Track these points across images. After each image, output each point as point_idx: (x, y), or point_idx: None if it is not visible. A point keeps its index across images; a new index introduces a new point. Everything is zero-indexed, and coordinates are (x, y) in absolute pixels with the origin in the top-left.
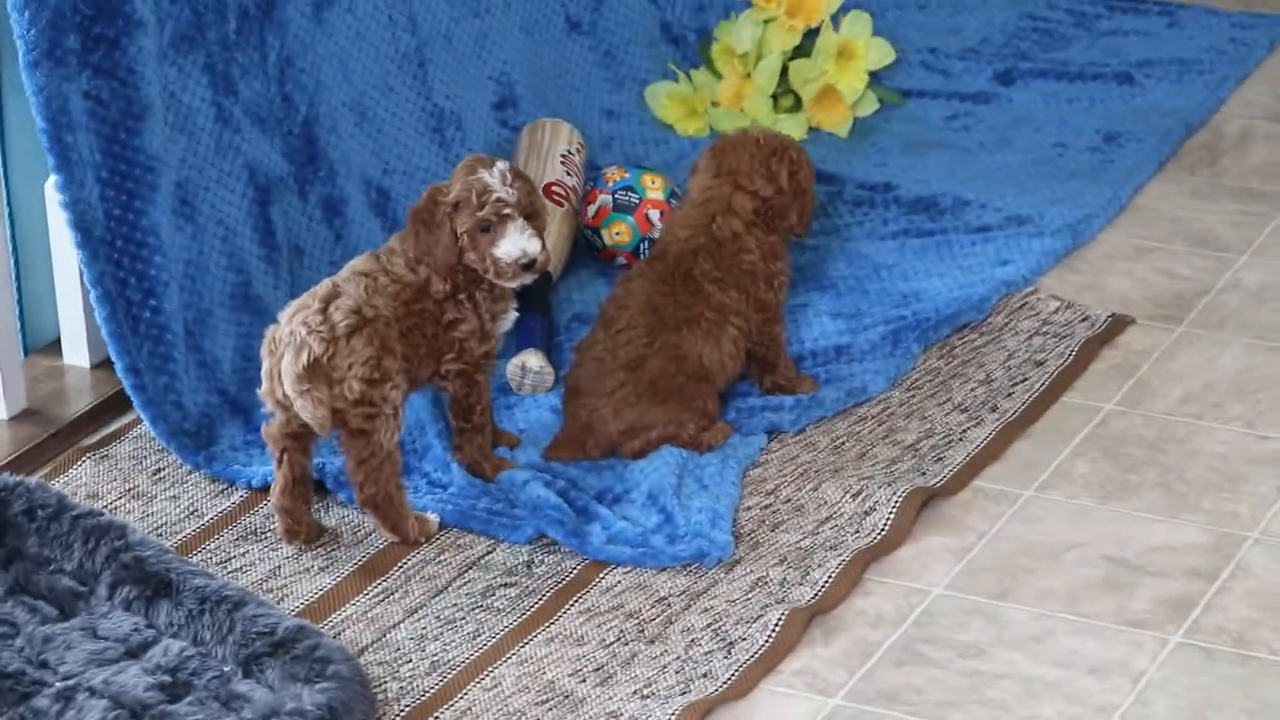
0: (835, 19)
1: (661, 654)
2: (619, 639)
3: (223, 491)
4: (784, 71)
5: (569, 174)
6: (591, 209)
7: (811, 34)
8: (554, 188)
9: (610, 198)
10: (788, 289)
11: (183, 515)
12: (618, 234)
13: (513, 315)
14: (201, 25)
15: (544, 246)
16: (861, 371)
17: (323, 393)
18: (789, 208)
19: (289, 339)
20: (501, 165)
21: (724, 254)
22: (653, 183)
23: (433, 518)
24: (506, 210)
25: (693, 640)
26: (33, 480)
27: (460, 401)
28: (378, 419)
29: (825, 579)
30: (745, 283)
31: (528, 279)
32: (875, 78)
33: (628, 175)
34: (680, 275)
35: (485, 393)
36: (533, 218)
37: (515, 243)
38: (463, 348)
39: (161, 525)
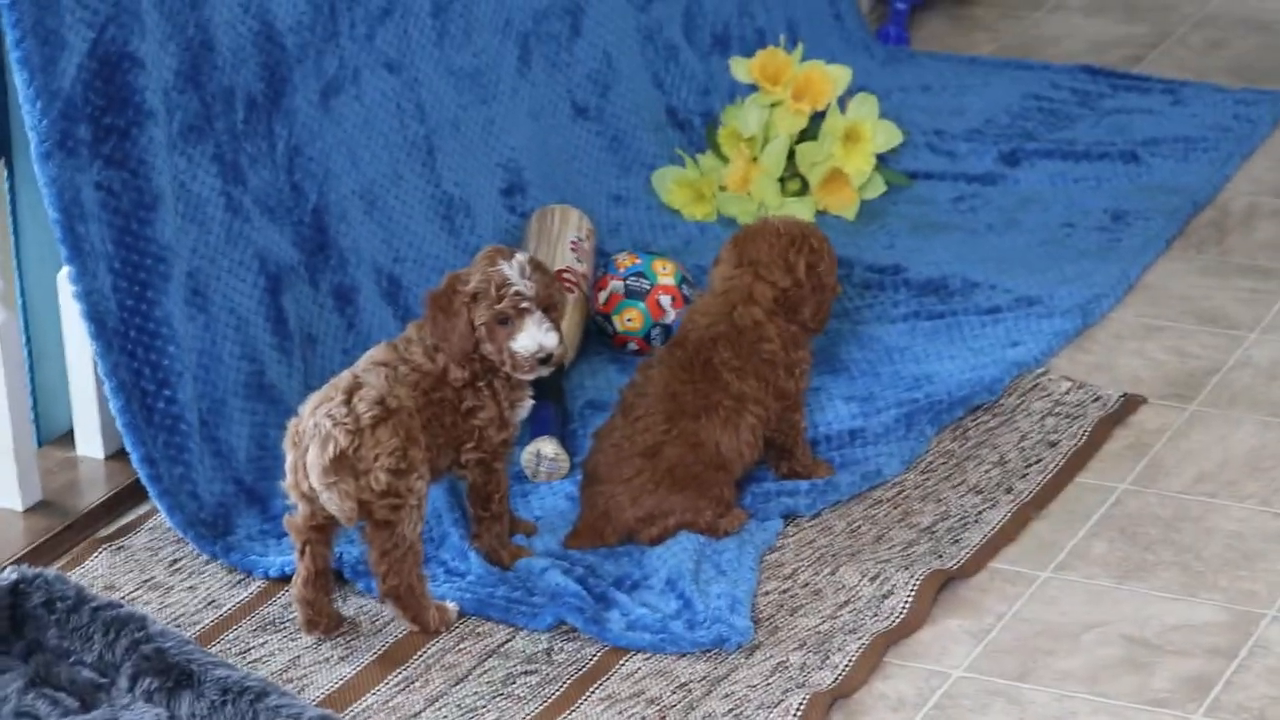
0: (841, 102)
1: None
2: None
3: (240, 582)
4: (791, 155)
5: (579, 260)
6: (603, 295)
7: (818, 117)
8: (564, 274)
9: (622, 284)
10: (809, 377)
11: (200, 606)
12: (629, 320)
13: (530, 403)
14: (210, 115)
15: (561, 340)
16: (876, 455)
17: (350, 485)
18: (805, 300)
19: (313, 431)
20: (521, 257)
21: (744, 342)
22: (664, 268)
23: (452, 606)
24: (525, 304)
25: None
26: (51, 572)
27: (479, 490)
28: (403, 510)
29: (845, 663)
30: (765, 371)
31: (544, 372)
32: (882, 160)
33: (639, 261)
34: (700, 363)
35: (503, 480)
36: (551, 310)
37: (533, 336)
38: (482, 436)
39: (179, 616)
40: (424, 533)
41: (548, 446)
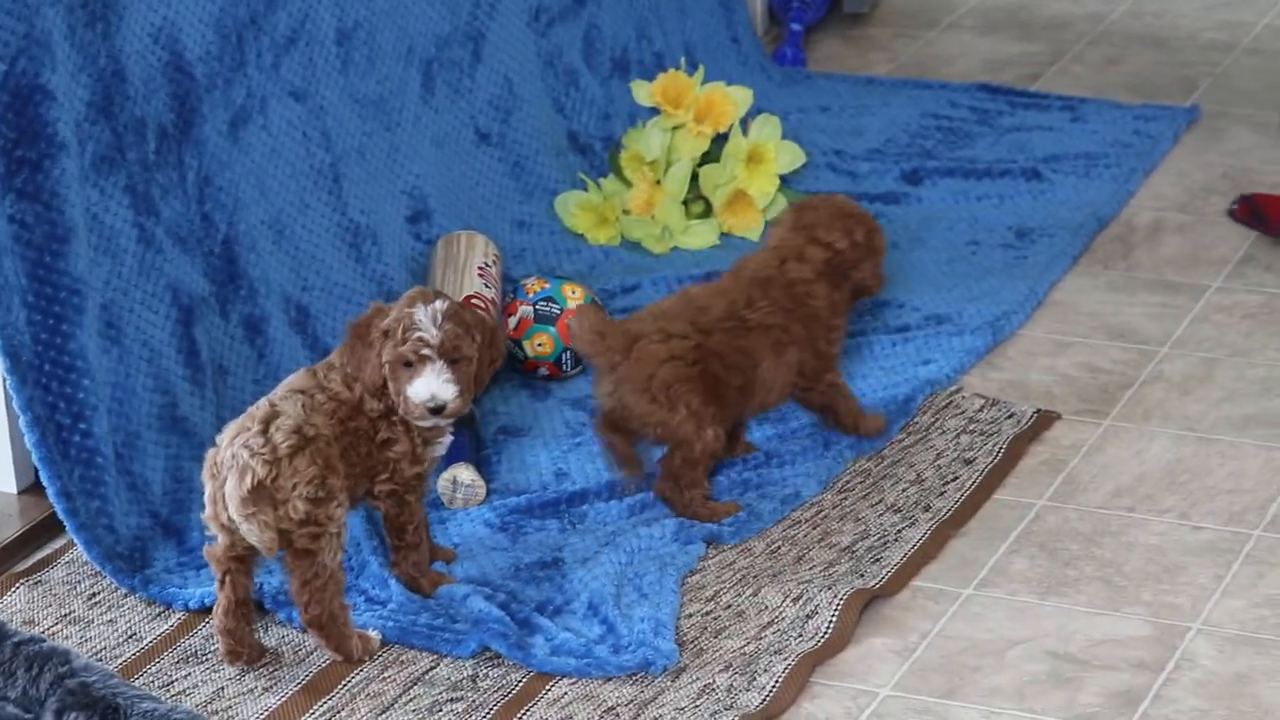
0: (744, 123)
1: None
2: None
3: (160, 614)
4: (694, 178)
5: (487, 286)
6: (513, 320)
7: (720, 139)
8: (473, 300)
9: (531, 309)
10: (842, 344)
11: (121, 639)
12: (540, 345)
13: (449, 439)
14: (122, 146)
15: (460, 394)
16: (794, 476)
17: (268, 515)
18: (861, 262)
19: (231, 462)
20: (439, 305)
21: (793, 294)
22: (573, 292)
23: (375, 635)
24: (426, 351)
25: None
26: None
27: (393, 521)
28: (323, 538)
29: (772, 684)
30: (809, 325)
31: (439, 423)
32: (785, 181)
33: (548, 285)
34: (754, 294)
35: (417, 511)
36: (457, 362)
37: (428, 384)
38: (395, 468)
39: (100, 650)
40: (344, 561)
41: (464, 473)
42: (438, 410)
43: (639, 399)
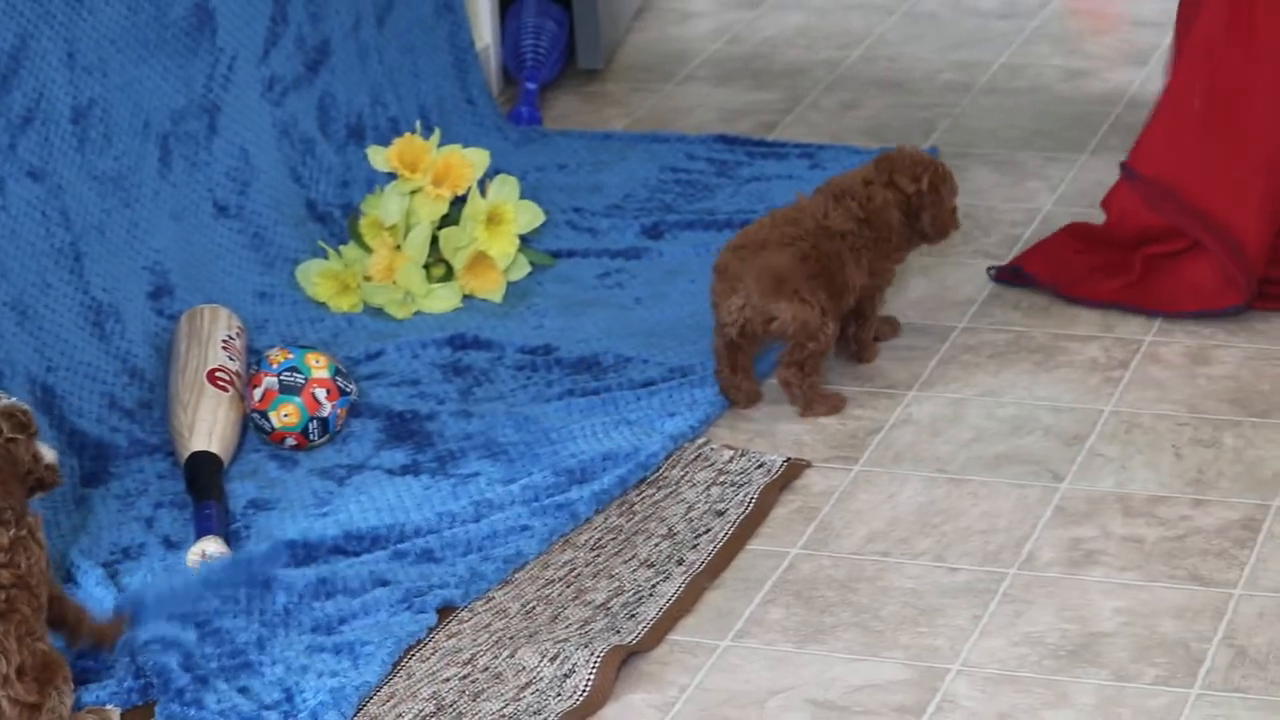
0: (481, 185)
1: None
2: None
3: None
4: (434, 241)
5: (231, 359)
6: (257, 392)
7: (459, 202)
8: (218, 374)
9: (276, 379)
10: (893, 277)
11: None
12: (286, 415)
13: None
14: None
15: None
16: (517, 537)
17: None
18: (925, 208)
19: None
20: None
21: (870, 207)
22: (316, 361)
23: (112, 710)
24: None
25: None
26: None
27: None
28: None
29: None
30: (880, 243)
31: None
32: (525, 241)
33: (291, 356)
34: (835, 198)
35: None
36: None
37: None
38: None
39: None
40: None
41: (212, 546)
42: None
43: (775, 300)
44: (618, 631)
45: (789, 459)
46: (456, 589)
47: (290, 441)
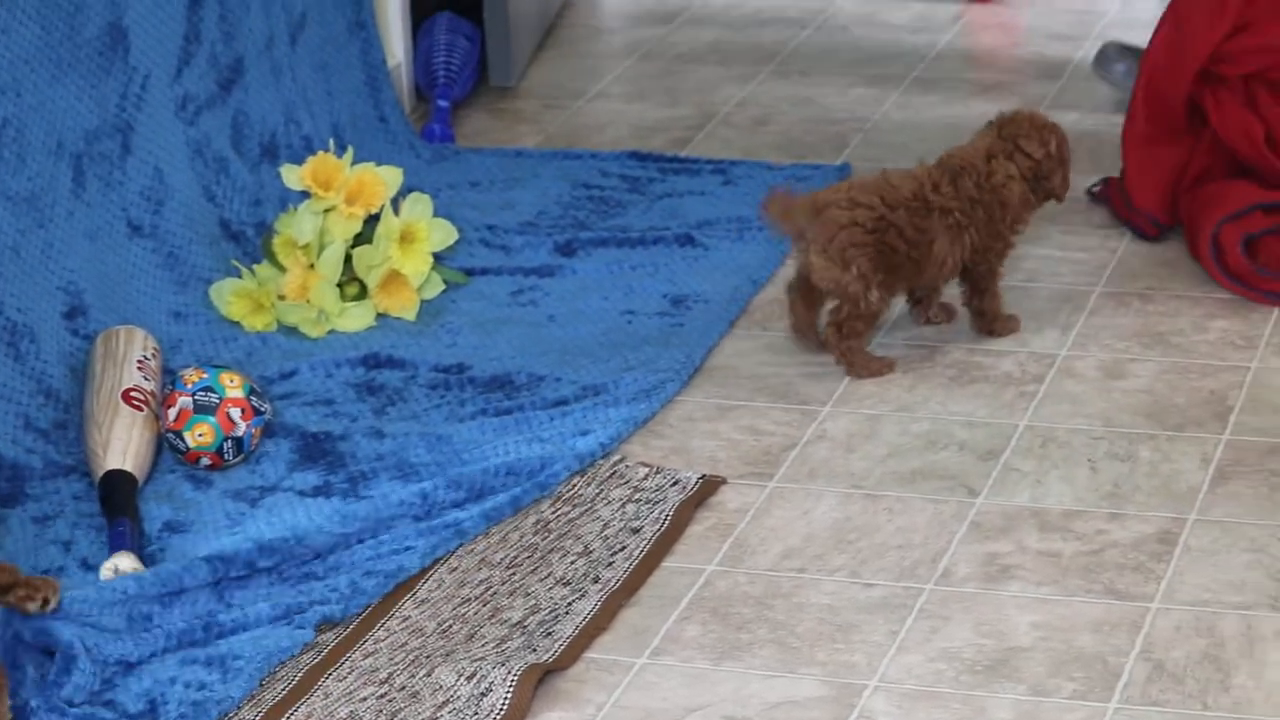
0: (395, 203)
1: None
2: None
3: None
4: (348, 259)
5: (146, 379)
6: (172, 412)
7: (373, 220)
8: (133, 394)
9: (191, 399)
10: (1014, 246)
11: None
12: (200, 435)
13: None
14: None
15: None
16: (397, 554)
17: None
18: (1054, 172)
19: None
20: None
21: (990, 184)
22: (231, 381)
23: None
24: None
25: None
26: None
27: None
28: None
29: None
30: (998, 211)
31: None
32: (439, 259)
33: (206, 375)
34: (950, 176)
35: None
36: None
37: None
38: None
39: None
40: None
41: (125, 561)
42: None
43: (819, 258)
44: (534, 650)
45: (704, 476)
46: (337, 605)
47: (205, 461)
